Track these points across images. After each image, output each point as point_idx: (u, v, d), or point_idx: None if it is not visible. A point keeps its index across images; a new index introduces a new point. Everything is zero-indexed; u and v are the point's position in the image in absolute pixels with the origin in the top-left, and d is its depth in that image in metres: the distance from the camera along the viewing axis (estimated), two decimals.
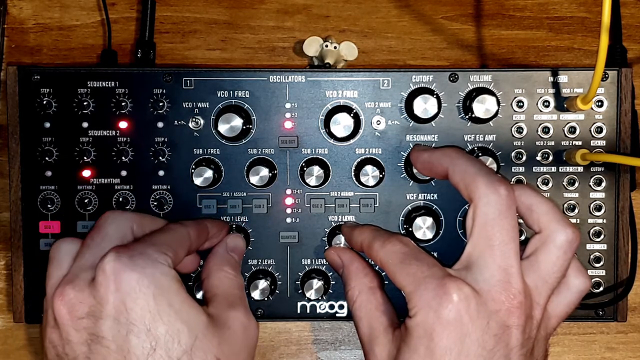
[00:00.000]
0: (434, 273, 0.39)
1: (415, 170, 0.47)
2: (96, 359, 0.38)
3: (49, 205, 0.48)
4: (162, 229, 0.44)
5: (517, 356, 0.38)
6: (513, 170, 0.49)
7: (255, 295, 0.48)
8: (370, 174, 0.48)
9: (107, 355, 0.38)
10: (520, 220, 0.42)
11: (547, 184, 0.49)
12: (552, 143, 0.49)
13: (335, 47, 0.53)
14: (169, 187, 0.48)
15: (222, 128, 0.47)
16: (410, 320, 0.39)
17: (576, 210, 0.49)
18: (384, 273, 0.47)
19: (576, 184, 0.49)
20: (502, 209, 0.39)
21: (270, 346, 0.54)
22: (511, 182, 0.47)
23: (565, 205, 0.49)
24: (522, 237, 0.48)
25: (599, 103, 0.48)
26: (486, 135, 0.48)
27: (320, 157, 0.49)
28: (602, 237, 0.49)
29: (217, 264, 0.46)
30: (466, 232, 0.41)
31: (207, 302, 0.43)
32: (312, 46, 0.53)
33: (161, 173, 0.48)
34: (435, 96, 0.47)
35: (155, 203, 0.48)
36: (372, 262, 0.47)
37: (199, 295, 0.47)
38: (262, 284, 0.48)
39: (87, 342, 0.38)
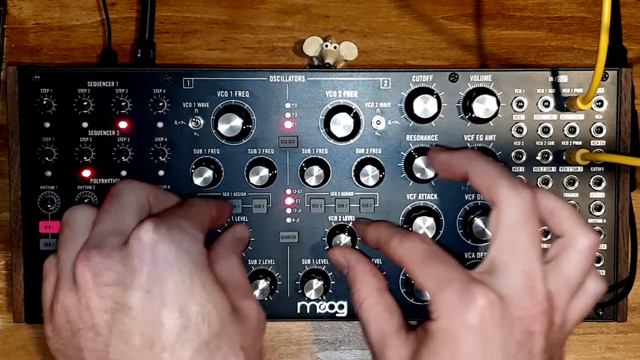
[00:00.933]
0: (458, 276, 0.38)
1: (416, 171, 0.47)
2: (119, 328, 0.36)
3: (49, 205, 0.48)
4: (189, 202, 0.43)
5: None
6: (513, 170, 0.48)
7: (255, 295, 0.48)
8: (370, 174, 0.48)
9: (133, 327, 0.36)
10: None
11: (547, 184, 0.49)
12: (552, 143, 0.49)
13: (335, 47, 0.53)
14: (169, 187, 0.48)
15: (222, 128, 0.47)
16: (432, 324, 0.38)
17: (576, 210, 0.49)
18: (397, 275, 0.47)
19: (576, 184, 0.49)
20: (525, 212, 0.39)
21: (270, 346, 0.54)
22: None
23: None
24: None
25: (599, 103, 0.48)
26: (486, 135, 0.48)
27: (320, 157, 0.49)
28: (602, 237, 0.49)
29: (223, 251, 0.45)
30: (489, 236, 0.40)
31: None
32: (312, 46, 0.53)
33: (161, 173, 0.48)
34: (435, 96, 0.47)
35: None
36: (378, 264, 0.46)
37: None
38: (262, 284, 0.48)
39: (111, 310, 0.37)
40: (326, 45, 0.52)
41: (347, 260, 0.46)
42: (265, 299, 0.48)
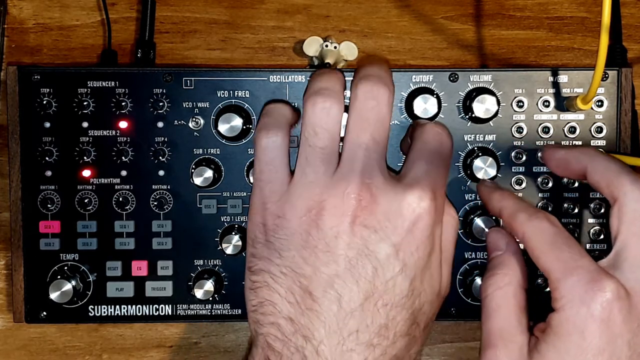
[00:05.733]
0: (587, 264, 0.38)
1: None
2: (366, 270, 0.38)
3: (49, 205, 0.48)
4: (442, 173, 0.43)
5: None
6: (513, 170, 0.48)
7: None
8: None
9: (371, 275, 0.38)
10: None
11: (547, 184, 0.49)
12: (553, 143, 0.49)
13: (335, 47, 0.53)
14: (169, 187, 0.48)
15: (222, 128, 0.47)
16: (556, 315, 0.38)
17: (576, 210, 0.49)
18: None
19: (576, 184, 0.49)
20: None
21: None
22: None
23: (565, 205, 0.49)
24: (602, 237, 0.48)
25: (599, 103, 0.48)
26: (486, 135, 0.48)
27: None
28: (602, 237, 0.49)
29: None
30: (611, 231, 0.40)
31: None
32: (312, 46, 0.53)
33: (161, 173, 0.48)
34: (435, 96, 0.47)
35: (155, 203, 0.48)
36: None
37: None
38: None
39: (359, 250, 0.38)
40: (326, 45, 0.52)
41: (508, 246, 0.43)
42: None
